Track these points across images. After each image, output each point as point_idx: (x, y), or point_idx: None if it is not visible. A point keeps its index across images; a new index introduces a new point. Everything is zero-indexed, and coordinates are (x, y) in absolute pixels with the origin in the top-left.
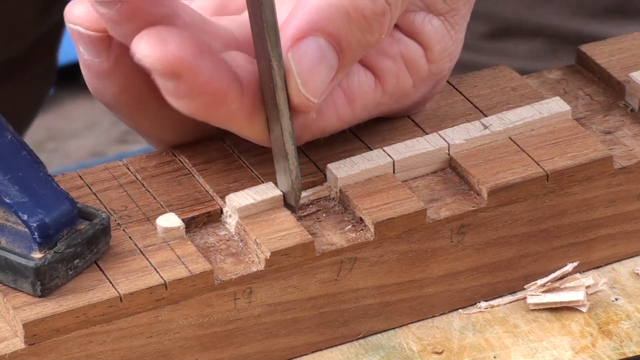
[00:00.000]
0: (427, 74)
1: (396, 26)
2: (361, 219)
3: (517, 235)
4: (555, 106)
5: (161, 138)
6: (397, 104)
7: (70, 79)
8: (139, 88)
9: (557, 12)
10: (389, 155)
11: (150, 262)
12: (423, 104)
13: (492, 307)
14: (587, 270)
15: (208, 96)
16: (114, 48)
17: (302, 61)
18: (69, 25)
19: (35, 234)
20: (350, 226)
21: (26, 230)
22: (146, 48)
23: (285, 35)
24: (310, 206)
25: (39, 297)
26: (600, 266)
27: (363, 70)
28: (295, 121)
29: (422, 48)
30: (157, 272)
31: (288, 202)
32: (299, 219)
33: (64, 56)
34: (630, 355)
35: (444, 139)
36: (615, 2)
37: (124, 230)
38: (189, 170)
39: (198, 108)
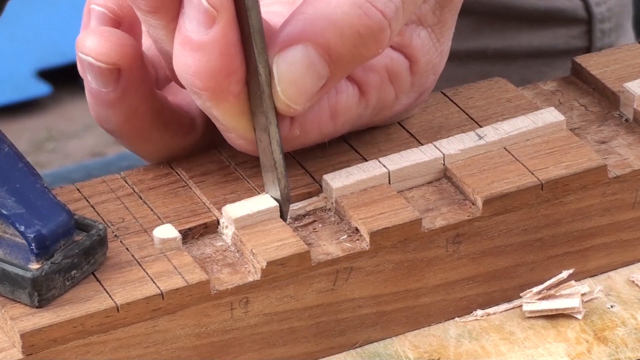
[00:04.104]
0: (409, 86)
1: None
2: (357, 229)
3: (513, 244)
4: (550, 116)
5: (161, 161)
6: (377, 115)
7: (70, 79)
8: (143, 118)
9: None
10: (385, 166)
11: (147, 273)
12: (405, 114)
13: (488, 314)
14: (583, 278)
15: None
16: (123, 79)
17: (286, 67)
18: (80, 55)
19: (32, 245)
20: (346, 236)
21: (23, 241)
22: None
23: (275, 40)
24: (306, 217)
25: (37, 307)
26: (596, 274)
27: (350, 86)
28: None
29: (408, 61)
30: (154, 282)
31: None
32: (295, 229)
33: (63, 56)
34: None
35: (439, 149)
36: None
37: (121, 241)
38: (185, 182)
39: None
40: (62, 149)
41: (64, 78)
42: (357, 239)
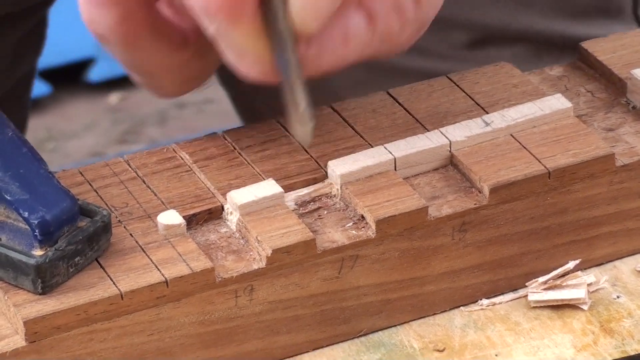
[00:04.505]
0: (413, 18)
1: None
2: (362, 217)
3: (519, 232)
4: (557, 103)
5: (153, 82)
6: (383, 46)
7: (70, 79)
8: (135, 23)
9: (539, 16)
10: (390, 153)
11: (151, 260)
12: (404, 47)
13: (494, 304)
14: (589, 267)
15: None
16: None
17: None
18: None
19: (36, 231)
20: (351, 223)
21: (27, 227)
22: None
23: None
24: (312, 203)
25: (40, 294)
26: (602, 264)
27: (359, 12)
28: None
29: None
30: (158, 269)
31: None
32: (300, 215)
33: (63, 56)
34: (632, 353)
35: (445, 136)
36: (595, 2)
37: (124, 227)
38: (189, 166)
39: (238, 48)
40: (62, 149)
41: (64, 78)
42: (363, 227)
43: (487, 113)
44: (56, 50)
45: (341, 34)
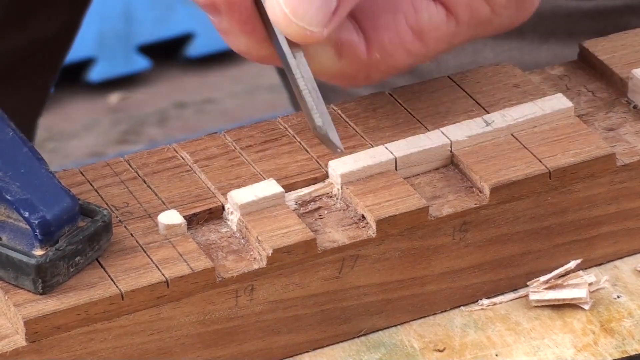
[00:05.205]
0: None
1: None
2: (363, 216)
3: (519, 232)
4: (558, 103)
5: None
6: (478, 31)
7: (70, 79)
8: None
9: None
10: (391, 152)
11: (151, 259)
12: (515, 25)
13: (494, 304)
14: (589, 267)
15: (251, 35)
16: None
17: None
18: None
19: (37, 231)
20: (352, 223)
21: (27, 227)
22: None
23: None
24: (312, 203)
25: (40, 294)
26: (602, 263)
27: (433, 4)
28: (355, 61)
29: None
30: (159, 269)
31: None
32: (301, 215)
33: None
34: (633, 353)
35: (446, 135)
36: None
37: (125, 226)
38: (190, 166)
39: (244, 47)
40: (62, 149)
41: (64, 78)
42: (364, 227)
43: (488, 113)
44: None
45: (410, 29)
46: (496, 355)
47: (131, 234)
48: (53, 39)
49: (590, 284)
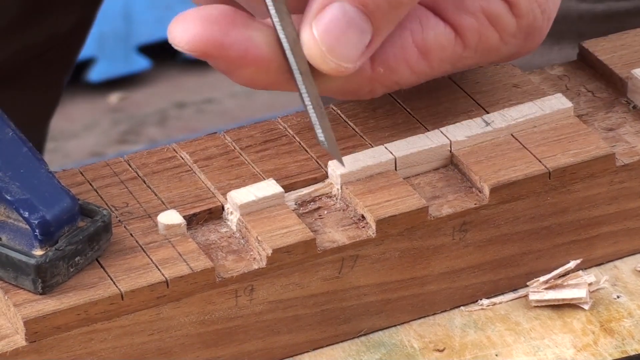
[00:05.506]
0: (515, 29)
1: None
2: (363, 216)
3: (519, 232)
4: (558, 103)
5: None
6: (484, 58)
7: (70, 79)
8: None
9: None
10: (391, 152)
11: (151, 259)
12: (522, 55)
13: (494, 304)
14: (589, 267)
15: (250, 68)
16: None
17: (325, 27)
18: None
19: (37, 231)
20: (352, 223)
21: (27, 227)
22: (176, 36)
23: (310, 8)
24: (312, 203)
25: (40, 294)
26: (602, 263)
27: (442, 25)
28: (359, 75)
29: (507, 3)
30: (159, 269)
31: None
32: (300, 215)
33: None
34: (632, 353)
35: (445, 135)
36: None
37: (125, 227)
38: (190, 166)
39: (246, 80)
40: (62, 149)
41: None
42: (363, 227)
43: (488, 113)
44: None
45: (416, 46)
46: (496, 355)
47: (131, 234)
48: (67, 36)
49: (590, 284)
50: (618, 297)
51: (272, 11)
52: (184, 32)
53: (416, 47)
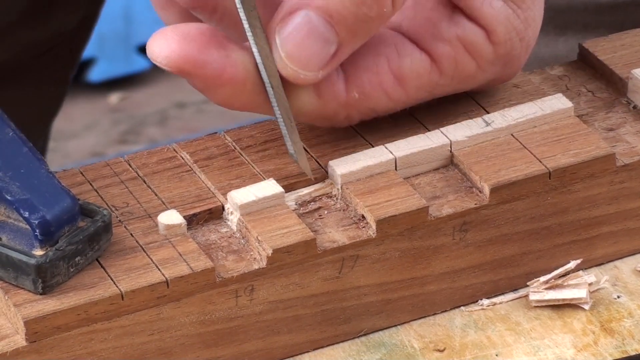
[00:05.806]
0: (492, 56)
1: (457, 8)
2: (363, 216)
3: (519, 232)
4: (558, 103)
5: None
6: (461, 85)
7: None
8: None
9: None
10: (391, 152)
11: (151, 259)
12: (500, 82)
13: (494, 304)
14: (589, 267)
15: (226, 87)
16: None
17: (288, 34)
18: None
19: (37, 231)
20: (352, 223)
21: (27, 227)
22: (154, 51)
23: (277, 16)
24: (312, 203)
25: (40, 294)
26: (602, 263)
27: (418, 52)
28: (334, 100)
29: (484, 31)
30: (159, 269)
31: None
32: (301, 215)
33: None
34: (633, 353)
35: (445, 135)
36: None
37: (125, 227)
38: (190, 166)
39: (222, 99)
40: (62, 149)
41: None
42: (364, 227)
43: (488, 113)
44: None
45: (391, 73)
46: (496, 355)
47: (131, 234)
48: (73, 33)
49: (590, 284)
50: (618, 297)
51: (246, 25)
52: (161, 48)
53: (392, 74)
